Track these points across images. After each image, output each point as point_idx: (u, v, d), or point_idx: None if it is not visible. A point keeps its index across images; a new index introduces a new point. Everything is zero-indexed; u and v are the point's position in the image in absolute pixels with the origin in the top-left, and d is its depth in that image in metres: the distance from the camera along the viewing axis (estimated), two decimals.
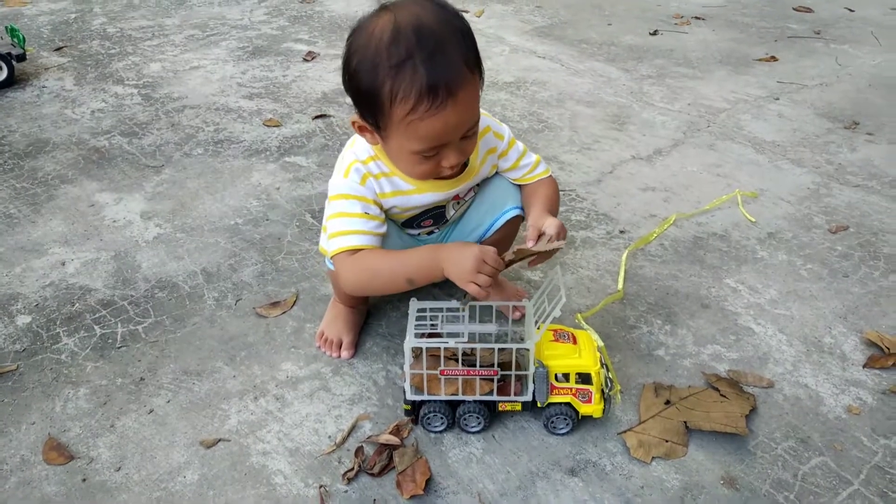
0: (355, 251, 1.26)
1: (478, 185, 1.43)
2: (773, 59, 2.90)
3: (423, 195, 1.33)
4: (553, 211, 1.34)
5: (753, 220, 1.86)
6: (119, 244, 1.84)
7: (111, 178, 2.14)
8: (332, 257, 1.29)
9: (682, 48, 3.06)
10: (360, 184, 1.28)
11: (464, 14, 3.48)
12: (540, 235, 1.22)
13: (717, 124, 2.39)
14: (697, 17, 3.39)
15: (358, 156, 1.30)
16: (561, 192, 2.02)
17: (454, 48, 1.11)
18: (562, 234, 1.22)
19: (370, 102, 1.14)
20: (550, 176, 1.44)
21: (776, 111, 2.47)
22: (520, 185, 1.44)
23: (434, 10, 1.12)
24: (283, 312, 1.58)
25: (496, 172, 1.43)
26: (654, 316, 1.54)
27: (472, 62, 1.14)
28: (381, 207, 1.31)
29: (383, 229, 1.30)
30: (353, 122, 1.22)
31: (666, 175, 2.10)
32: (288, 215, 1.95)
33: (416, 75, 1.08)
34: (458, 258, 1.16)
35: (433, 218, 1.41)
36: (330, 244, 1.29)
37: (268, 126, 2.47)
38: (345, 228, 1.27)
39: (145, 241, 1.85)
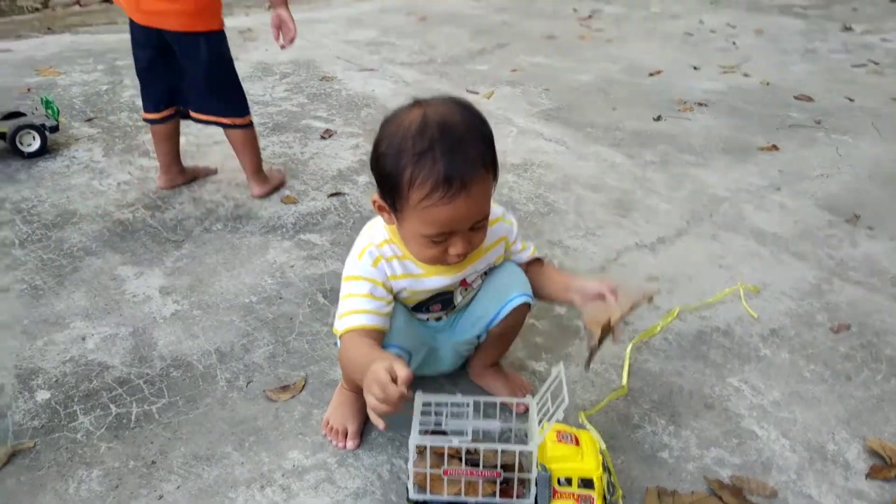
0: (359, 331, 1.32)
1: (485, 273, 1.49)
2: (775, 147, 2.99)
3: (432, 279, 1.40)
4: None
5: (756, 315, 1.90)
6: (138, 320, 1.90)
7: (133, 251, 2.22)
8: (339, 337, 1.36)
9: (685, 134, 3.15)
10: (371, 265, 1.36)
11: (474, 94, 3.61)
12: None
13: (720, 214, 2.46)
14: (700, 104, 3.50)
15: (373, 239, 1.39)
16: None
17: (473, 147, 1.22)
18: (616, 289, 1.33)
19: (392, 184, 1.24)
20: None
21: (778, 202, 2.54)
22: (526, 271, 1.51)
23: (460, 112, 1.25)
24: (292, 397, 1.62)
25: (504, 260, 1.49)
26: (658, 415, 1.57)
27: (489, 162, 1.25)
28: (389, 290, 1.38)
29: (388, 309, 1.37)
30: (374, 202, 1.32)
31: (669, 265, 2.16)
32: (300, 294, 2.01)
33: (435, 165, 1.18)
34: (370, 369, 1.13)
35: (442, 303, 1.48)
36: (338, 324, 1.36)
37: (285, 203, 2.55)
38: (350, 308, 1.35)
39: (163, 318, 1.91)
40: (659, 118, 3.33)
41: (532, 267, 1.52)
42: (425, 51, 4.53)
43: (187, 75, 2.37)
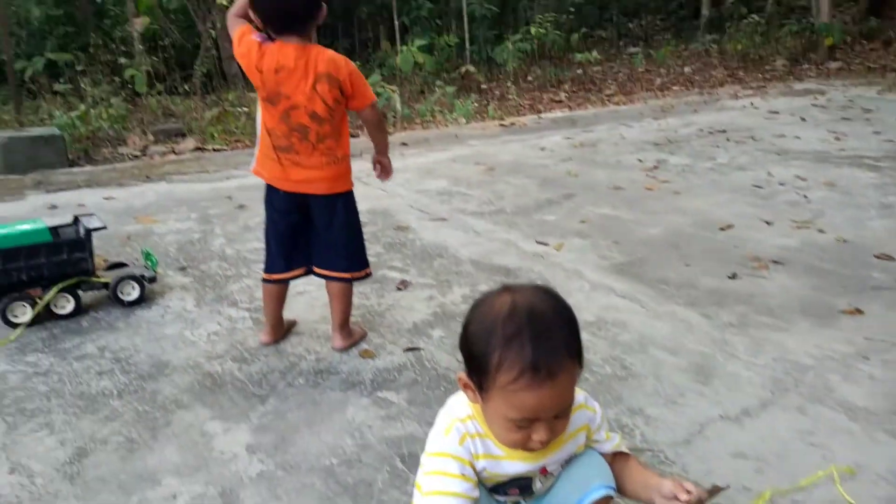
0: None
1: (567, 460, 1.49)
2: (858, 311, 2.93)
3: (512, 462, 1.40)
4: None
5: (853, 503, 1.82)
6: (225, 479, 1.94)
7: (221, 405, 2.30)
8: None
9: (762, 294, 3.14)
10: (458, 444, 1.38)
11: (543, 246, 3.69)
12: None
13: (806, 384, 2.40)
14: (775, 261, 3.50)
15: (458, 414, 1.41)
16: (648, 452, 2.06)
17: (560, 335, 1.27)
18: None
19: (479, 365, 1.28)
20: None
21: (867, 372, 2.47)
22: (610, 463, 1.50)
23: (547, 300, 1.32)
24: None
25: (587, 447, 1.49)
26: None
27: (575, 351, 1.29)
28: (475, 469, 1.39)
29: (476, 493, 1.37)
30: (460, 379, 1.36)
31: (756, 440, 2.10)
32: (379, 458, 2.03)
33: (523, 351, 1.23)
34: None
35: (520, 488, 1.47)
36: (423, 502, 1.35)
37: (363, 357, 2.63)
38: (441, 489, 1.35)
39: (249, 478, 1.95)
40: (734, 276, 3.33)
41: (617, 460, 1.52)
42: (494, 201, 4.71)
43: (321, 234, 2.56)
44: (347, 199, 2.58)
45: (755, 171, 5.24)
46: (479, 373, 1.30)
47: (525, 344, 1.23)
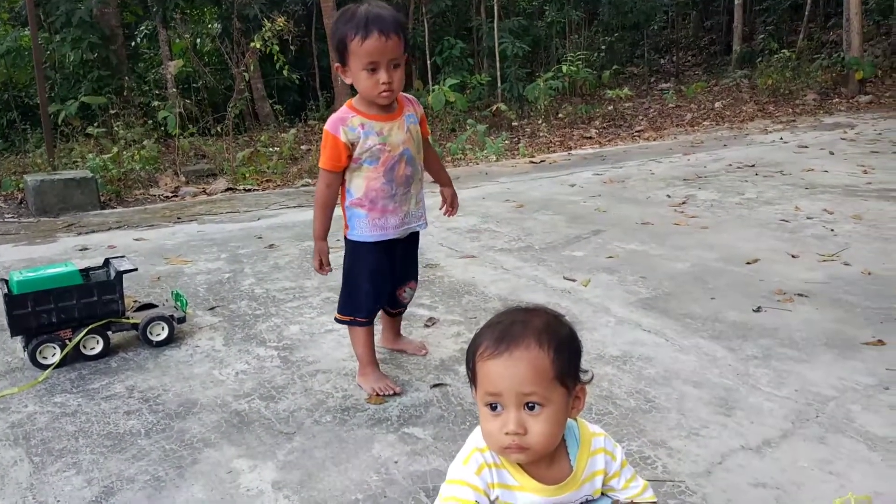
0: None
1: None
2: (881, 342, 2.90)
3: (525, 493, 1.44)
4: None
5: None
6: None
7: (248, 443, 2.36)
8: None
9: (787, 327, 3.12)
10: (476, 473, 1.43)
11: (571, 282, 3.70)
12: None
13: (826, 414, 2.38)
14: (800, 294, 3.48)
15: (478, 444, 1.47)
16: (669, 483, 2.06)
17: (532, 330, 1.40)
18: None
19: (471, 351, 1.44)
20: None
21: (887, 402, 2.44)
22: None
23: (545, 316, 1.46)
24: None
25: (602, 493, 1.52)
26: None
27: (546, 342, 1.39)
28: (489, 498, 1.43)
29: None
30: None
31: (776, 470, 2.10)
32: (404, 493, 2.06)
33: (495, 328, 1.42)
34: None
35: None
36: None
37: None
38: None
39: None
40: (759, 309, 3.32)
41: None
42: (523, 237, 4.76)
43: None
44: (346, 242, 2.75)
45: (783, 206, 5.23)
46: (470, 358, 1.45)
47: (498, 324, 1.42)
